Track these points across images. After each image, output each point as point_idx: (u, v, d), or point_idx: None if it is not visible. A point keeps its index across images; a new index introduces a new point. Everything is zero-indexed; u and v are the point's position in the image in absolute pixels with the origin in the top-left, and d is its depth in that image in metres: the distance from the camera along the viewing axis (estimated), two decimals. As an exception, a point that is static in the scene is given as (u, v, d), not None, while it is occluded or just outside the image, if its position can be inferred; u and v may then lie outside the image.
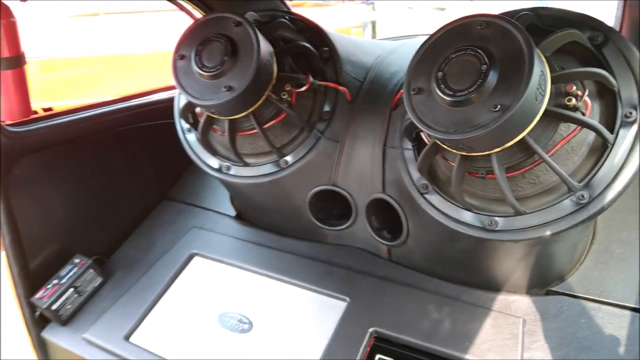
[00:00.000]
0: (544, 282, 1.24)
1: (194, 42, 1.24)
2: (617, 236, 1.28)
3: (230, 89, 1.20)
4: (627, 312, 1.13)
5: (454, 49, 0.97)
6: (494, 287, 1.27)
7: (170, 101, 1.72)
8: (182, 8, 1.76)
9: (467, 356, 1.15)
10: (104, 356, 1.41)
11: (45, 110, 1.59)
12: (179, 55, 1.26)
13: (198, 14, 1.76)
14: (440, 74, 0.97)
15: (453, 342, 1.19)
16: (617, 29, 1.58)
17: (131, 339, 1.43)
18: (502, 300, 1.25)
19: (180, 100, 1.53)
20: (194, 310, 1.47)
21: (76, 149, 1.67)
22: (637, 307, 1.14)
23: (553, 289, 1.24)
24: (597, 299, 1.18)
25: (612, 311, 1.15)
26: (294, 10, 1.76)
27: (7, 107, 1.30)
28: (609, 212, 1.30)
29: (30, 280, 1.55)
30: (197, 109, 1.45)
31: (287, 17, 1.48)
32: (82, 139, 1.67)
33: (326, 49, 1.46)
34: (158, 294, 1.54)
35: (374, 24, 9.37)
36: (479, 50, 0.94)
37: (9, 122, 1.44)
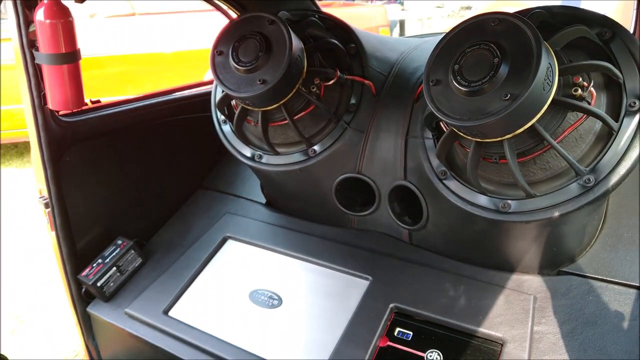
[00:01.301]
0: (555, 263, 1.32)
1: (231, 39, 1.36)
2: (626, 221, 1.35)
3: (264, 82, 1.30)
4: (633, 291, 1.20)
5: (469, 44, 1.07)
6: (508, 267, 1.35)
7: (205, 95, 1.84)
8: (218, 8, 1.88)
9: (480, 329, 1.23)
10: (144, 329, 1.53)
11: (93, 102, 1.72)
12: (217, 51, 1.38)
13: (233, 14, 1.88)
14: (456, 66, 1.07)
15: (468, 317, 1.27)
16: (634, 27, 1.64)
17: (169, 314, 1.54)
18: (515, 279, 1.32)
19: (217, 93, 1.64)
20: (228, 287, 1.58)
21: (120, 139, 1.80)
22: None
23: (564, 269, 1.31)
24: (604, 279, 1.25)
25: (618, 289, 1.22)
26: (324, 9, 1.87)
27: (63, 98, 1.42)
28: (619, 198, 1.38)
29: (77, 259, 1.68)
30: (233, 102, 1.56)
31: (316, 16, 1.58)
32: (125, 130, 1.80)
33: (353, 45, 1.55)
34: (194, 273, 1.65)
35: (402, 23, 9.40)
36: (492, 45, 1.03)
37: (62, 112, 1.58)
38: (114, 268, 1.68)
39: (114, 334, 1.65)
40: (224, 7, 1.85)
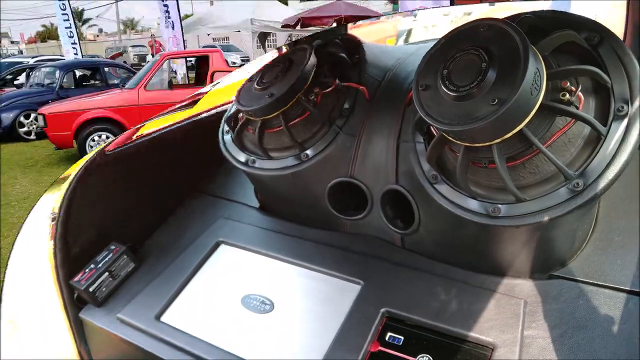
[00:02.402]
0: (545, 267, 1.32)
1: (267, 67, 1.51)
2: (616, 225, 1.35)
3: (271, 95, 1.39)
4: (623, 294, 1.20)
5: (458, 50, 1.07)
6: (499, 271, 1.35)
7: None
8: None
9: (470, 333, 1.23)
10: (137, 334, 1.52)
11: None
12: (250, 77, 1.54)
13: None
14: (445, 71, 1.08)
15: (459, 321, 1.27)
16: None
17: (162, 319, 1.53)
18: (506, 283, 1.32)
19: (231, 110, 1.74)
20: (220, 292, 1.58)
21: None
22: (633, 289, 1.21)
23: (554, 273, 1.31)
24: (595, 283, 1.25)
25: (608, 293, 1.22)
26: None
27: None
28: (610, 202, 1.38)
29: (71, 265, 1.68)
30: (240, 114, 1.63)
31: (339, 37, 1.71)
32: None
33: (357, 56, 1.63)
34: (186, 278, 1.64)
35: (409, 31, 9.50)
36: (480, 50, 1.03)
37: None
38: (107, 273, 1.67)
39: (106, 339, 1.65)
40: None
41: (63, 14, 17.15)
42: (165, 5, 14.20)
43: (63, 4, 17.00)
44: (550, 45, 1.09)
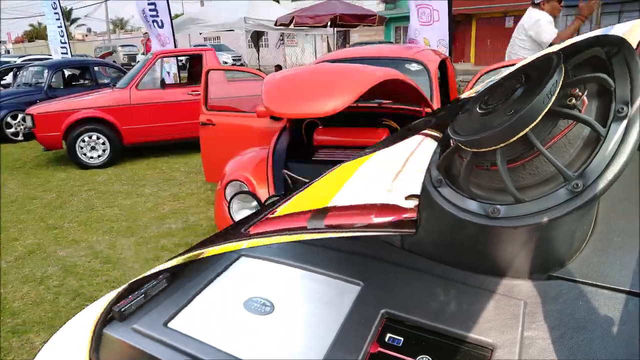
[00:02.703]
0: (545, 267, 1.32)
1: None
2: (616, 225, 1.36)
3: None
4: (622, 295, 1.21)
5: (508, 79, 1.16)
6: (499, 272, 1.36)
7: None
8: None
9: (470, 334, 1.23)
10: (146, 341, 1.51)
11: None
12: None
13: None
14: (487, 97, 1.12)
15: (458, 322, 1.27)
16: None
17: (169, 325, 1.52)
18: (506, 284, 1.33)
19: None
20: (224, 298, 1.58)
21: None
22: (633, 290, 1.22)
23: (554, 274, 1.32)
24: (594, 283, 1.26)
25: (608, 294, 1.22)
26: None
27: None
28: (610, 202, 1.39)
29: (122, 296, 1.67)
30: None
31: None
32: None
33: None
34: (200, 288, 1.64)
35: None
36: (522, 75, 1.08)
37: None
38: (143, 295, 1.66)
39: (119, 349, 1.63)
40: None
41: (55, 13, 16.95)
42: (152, 4, 13.79)
43: (54, 2, 16.80)
44: (576, 60, 1.18)
